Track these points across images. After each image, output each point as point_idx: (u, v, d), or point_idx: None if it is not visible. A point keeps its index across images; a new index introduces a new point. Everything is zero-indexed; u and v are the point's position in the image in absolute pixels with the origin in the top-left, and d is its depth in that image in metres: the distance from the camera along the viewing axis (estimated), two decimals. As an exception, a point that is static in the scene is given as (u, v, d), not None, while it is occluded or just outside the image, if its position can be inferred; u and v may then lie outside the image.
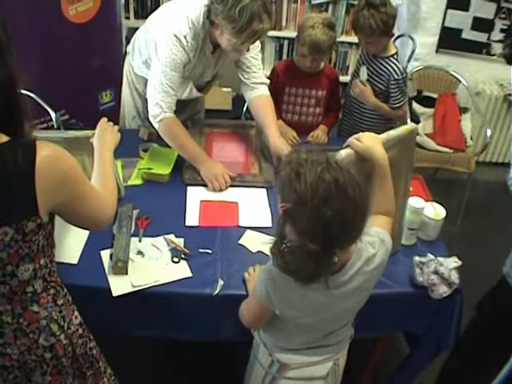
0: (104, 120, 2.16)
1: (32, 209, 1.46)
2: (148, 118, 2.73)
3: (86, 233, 2.29)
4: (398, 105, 3.17)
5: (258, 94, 2.97)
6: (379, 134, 1.90)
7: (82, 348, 1.76)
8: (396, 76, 3.08)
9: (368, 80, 3.19)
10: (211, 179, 2.66)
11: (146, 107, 2.79)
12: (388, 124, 3.21)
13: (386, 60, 3.11)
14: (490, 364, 2.14)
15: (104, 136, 2.07)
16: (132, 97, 3.17)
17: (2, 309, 1.58)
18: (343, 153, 1.77)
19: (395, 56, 3.12)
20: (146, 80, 2.92)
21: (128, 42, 3.18)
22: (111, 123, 2.17)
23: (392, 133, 1.96)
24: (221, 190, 2.67)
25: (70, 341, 1.71)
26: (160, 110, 2.64)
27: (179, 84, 2.69)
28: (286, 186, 1.50)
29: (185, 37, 2.59)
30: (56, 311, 1.67)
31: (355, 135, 1.83)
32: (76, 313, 1.77)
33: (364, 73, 3.19)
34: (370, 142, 1.80)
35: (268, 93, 2.99)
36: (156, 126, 2.69)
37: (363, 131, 1.87)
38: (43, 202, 1.47)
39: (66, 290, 1.75)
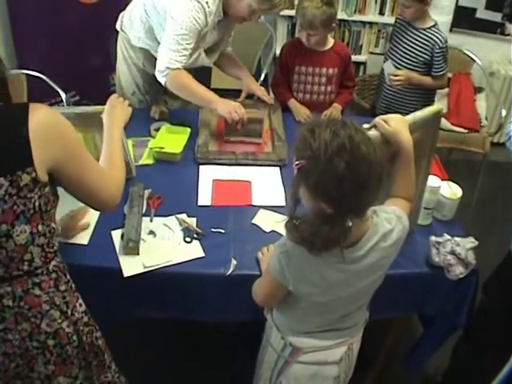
0: (114, 96, 2.13)
1: (26, 159, 1.44)
2: (148, 92, 2.70)
3: (97, 213, 2.26)
4: (441, 72, 3.40)
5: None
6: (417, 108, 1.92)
7: (88, 337, 1.74)
8: (441, 44, 3.30)
9: (402, 63, 3.42)
10: (231, 111, 2.70)
11: (146, 80, 2.76)
12: (427, 98, 3.52)
13: (428, 30, 3.33)
14: (499, 347, 2.13)
15: (113, 113, 2.03)
16: (130, 72, 3.12)
17: (2, 291, 1.55)
18: (369, 134, 1.73)
19: (436, 26, 3.36)
20: (146, 51, 2.92)
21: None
22: (121, 99, 2.14)
23: (418, 114, 1.92)
24: (243, 123, 2.74)
25: (75, 328, 1.68)
26: (168, 64, 2.64)
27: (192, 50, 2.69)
28: (301, 144, 1.49)
29: (206, 2, 2.59)
30: (59, 297, 1.64)
31: (382, 116, 1.79)
32: (80, 300, 1.75)
33: (390, 66, 3.43)
34: (398, 125, 1.76)
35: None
36: (162, 80, 2.69)
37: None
38: (39, 156, 1.45)
39: (69, 276, 1.71)
